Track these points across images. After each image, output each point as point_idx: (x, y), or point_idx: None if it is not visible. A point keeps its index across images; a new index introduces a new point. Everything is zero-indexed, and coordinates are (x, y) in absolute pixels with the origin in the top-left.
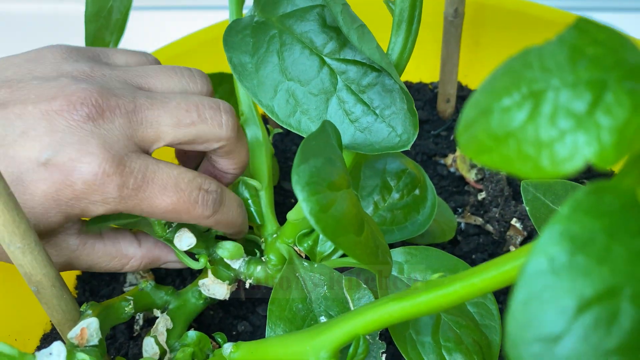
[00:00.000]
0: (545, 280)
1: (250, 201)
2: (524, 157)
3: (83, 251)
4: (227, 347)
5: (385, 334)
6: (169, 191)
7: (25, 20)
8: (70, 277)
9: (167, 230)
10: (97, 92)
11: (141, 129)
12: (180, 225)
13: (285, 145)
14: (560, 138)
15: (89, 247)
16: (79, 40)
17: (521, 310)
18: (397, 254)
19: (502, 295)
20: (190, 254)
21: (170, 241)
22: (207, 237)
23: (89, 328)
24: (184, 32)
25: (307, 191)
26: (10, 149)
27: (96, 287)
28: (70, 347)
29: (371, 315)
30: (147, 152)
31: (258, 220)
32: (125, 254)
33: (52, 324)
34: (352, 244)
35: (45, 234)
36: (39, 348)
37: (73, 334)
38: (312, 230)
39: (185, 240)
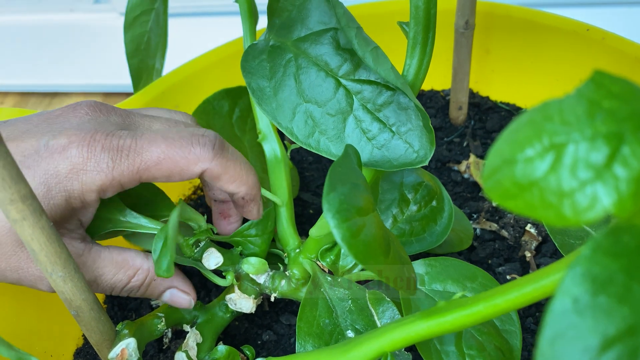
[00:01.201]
0: (570, 320)
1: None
2: (547, 205)
3: (89, 257)
4: None
5: None
6: (157, 141)
7: (37, 29)
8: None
9: (195, 250)
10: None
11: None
12: (208, 246)
13: (301, 156)
14: (581, 188)
15: (95, 253)
16: (89, 46)
17: (548, 348)
18: (418, 266)
19: None
20: (217, 271)
21: (198, 260)
22: (233, 254)
23: (128, 348)
24: (202, 38)
25: (337, 218)
26: (13, 143)
27: (124, 301)
28: None
29: (399, 334)
30: None
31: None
32: (131, 264)
33: (84, 339)
34: (381, 265)
35: None
36: None
37: (114, 354)
38: (334, 246)
39: (212, 259)
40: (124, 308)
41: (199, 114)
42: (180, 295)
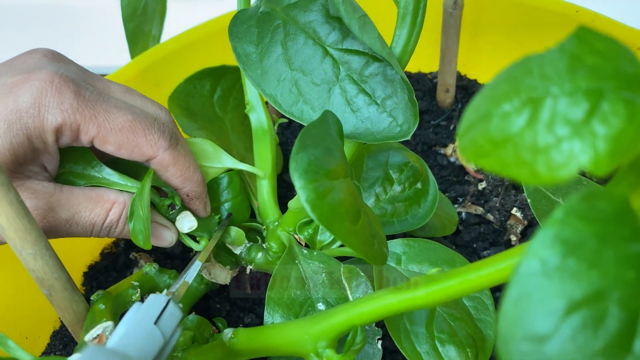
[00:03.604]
0: (536, 282)
1: (252, 188)
2: (521, 162)
3: (62, 195)
4: (227, 333)
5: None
6: (124, 110)
7: (16, 10)
8: (77, 274)
9: (171, 212)
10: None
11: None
12: (183, 209)
13: (286, 137)
14: (557, 145)
15: (67, 191)
16: (67, 27)
17: (512, 309)
18: (396, 246)
19: (499, 292)
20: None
21: (173, 222)
22: (210, 222)
23: (105, 332)
24: (195, 22)
25: (304, 179)
26: None
27: (103, 283)
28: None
29: (369, 307)
30: None
31: (259, 208)
32: (106, 198)
33: (62, 321)
34: (347, 232)
35: (12, 164)
36: (49, 345)
37: (90, 337)
38: (313, 220)
39: (186, 222)
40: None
41: (179, 93)
42: (162, 230)
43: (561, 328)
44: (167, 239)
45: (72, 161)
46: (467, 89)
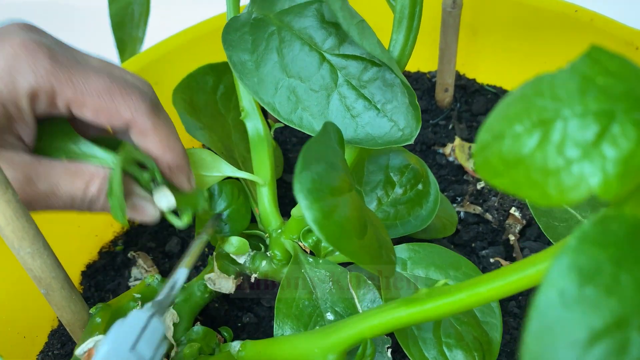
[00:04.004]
0: (556, 313)
1: (252, 194)
2: (532, 183)
3: (40, 167)
4: (235, 346)
5: None
6: (103, 75)
7: (21, 11)
8: (75, 273)
9: (153, 186)
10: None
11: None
12: (160, 185)
13: (285, 137)
14: (567, 167)
15: (46, 163)
16: (74, 29)
17: (534, 342)
18: (401, 251)
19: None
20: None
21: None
22: (194, 197)
23: (95, 347)
24: (195, 21)
25: (309, 199)
26: None
27: (101, 282)
28: None
29: (379, 319)
30: None
31: (260, 217)
32: (86, 171)
33: (60, 320)
34: (355, 248)
35: None
36: (47, 344)
37: (81, 351)
38: None
39: (164, 200)
40: (100, 289)
41: (182, 88)
42: (143, 202)
43: None
44: (149, 212)
45: (51, 135)
46: (466, 88)
